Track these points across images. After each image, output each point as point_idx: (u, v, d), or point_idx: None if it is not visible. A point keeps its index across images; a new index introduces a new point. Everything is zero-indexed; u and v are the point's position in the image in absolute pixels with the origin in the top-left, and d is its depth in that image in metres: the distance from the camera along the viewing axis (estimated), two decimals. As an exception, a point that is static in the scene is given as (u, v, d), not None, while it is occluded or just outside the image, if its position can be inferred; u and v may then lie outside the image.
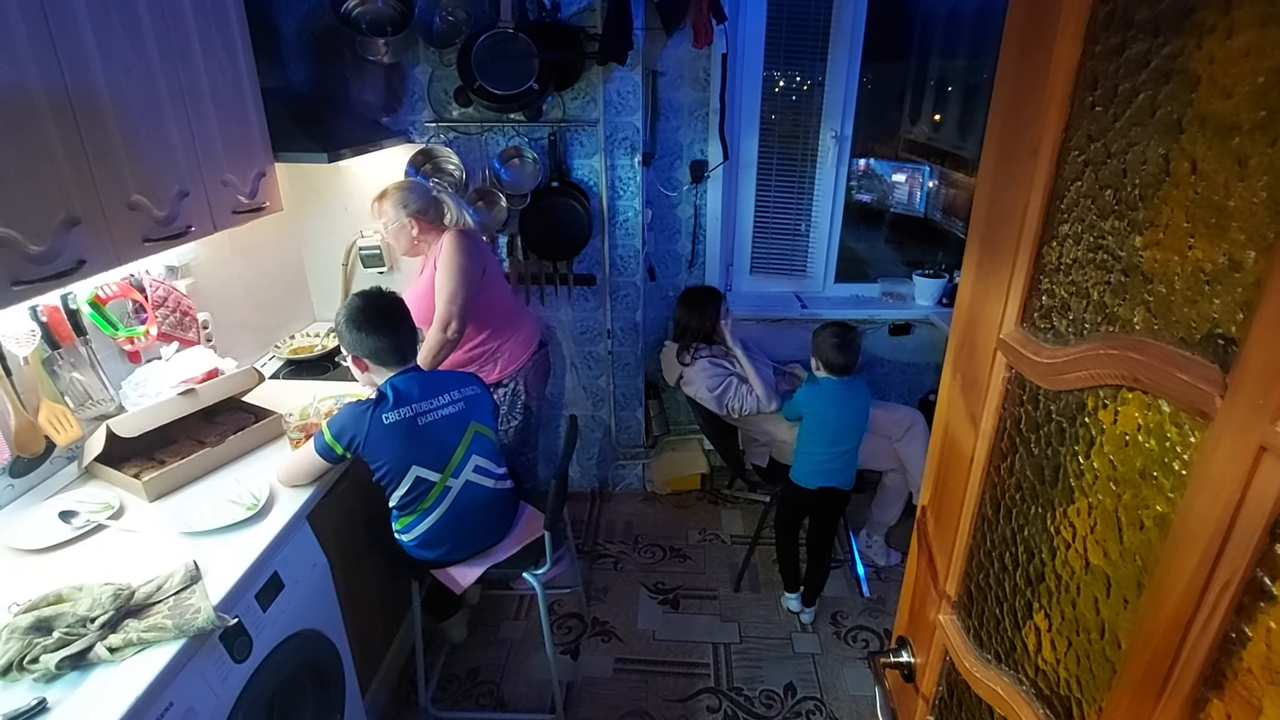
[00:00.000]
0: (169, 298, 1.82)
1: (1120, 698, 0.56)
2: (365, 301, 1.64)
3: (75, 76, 1.27)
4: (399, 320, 1.66)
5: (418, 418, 1.61)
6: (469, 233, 2.07)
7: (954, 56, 3.88)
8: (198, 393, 1.68)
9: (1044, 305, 0.68)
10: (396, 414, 1.58)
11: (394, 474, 1.61)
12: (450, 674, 2.17)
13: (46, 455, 1.54)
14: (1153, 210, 0.52)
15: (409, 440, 1.59)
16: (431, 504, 1.67)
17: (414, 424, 1.60)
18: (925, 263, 3.19)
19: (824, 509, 2.29)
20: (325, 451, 1.55)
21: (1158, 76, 0.51)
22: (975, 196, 0.81)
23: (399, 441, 1.58)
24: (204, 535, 1.40)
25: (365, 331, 1.61)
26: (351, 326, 1.61)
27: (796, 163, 2.99)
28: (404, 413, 1.59)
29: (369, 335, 1.61)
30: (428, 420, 1.63)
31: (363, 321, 1.61)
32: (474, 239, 2.06)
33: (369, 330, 1.61)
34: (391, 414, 1.57)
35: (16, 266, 1.16)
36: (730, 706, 2.08)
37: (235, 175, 1.75)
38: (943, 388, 0.94)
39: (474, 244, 2.04)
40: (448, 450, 1.66)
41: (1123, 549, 0.57)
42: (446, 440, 1.66)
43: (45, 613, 1.13)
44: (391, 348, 1.64)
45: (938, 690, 0.93)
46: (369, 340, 1.61)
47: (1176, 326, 0.50)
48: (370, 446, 1.56)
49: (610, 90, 2.40)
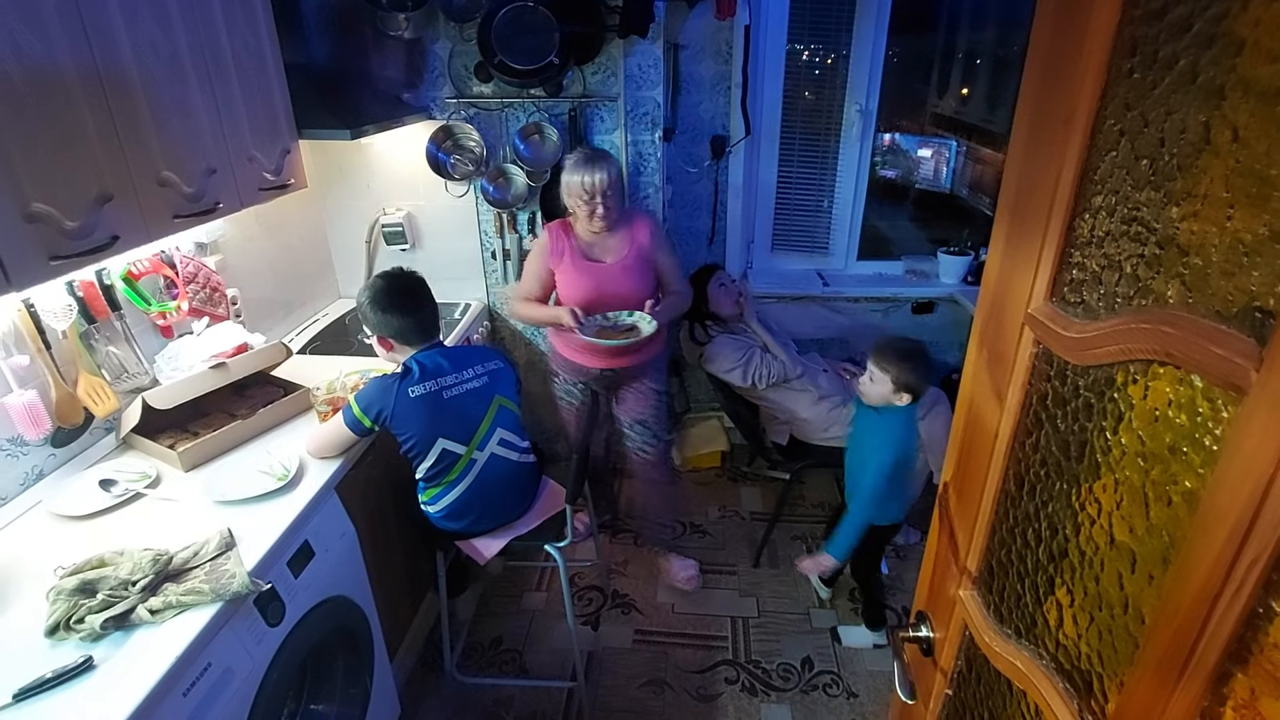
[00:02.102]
0: (199, 274, 1.85)
1: (1143, 672, 0.56)
2: (388, 283, 1.66)
3: (105, 54, 1.28)
4: (421, 299, 1.68)
5: (443, 391, 1.64)
6: None
7: (984, 27, 3.77)
8: (228, 367, 1.72)
9: (1074, 279, 0.67)
10: (422, 387, 1.61)
11: (421, 446, 1.64)
12: (474, 642, 2.23)
13: (86, 426, 1.60)
14: (1191, 180, 0.51)
15: (435, 413, 1.62)
16: (457, 476, 1.70)
17: (439, 397, 1.63)
18: (950, 240, 3.13)
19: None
20: (354, 424, 1.59)
21: (1200, 41, 0.49)
22: (1005, 167, 0.79)
23: (425, 414, 1.61)
24: (237, 504, 1.45)
25: (390, 312, 1.63)
26: (376, 308, 1.63)
27: (819, 138, 2.94)
28: (429, 386, 1.62)
29: (394, 315, 1.63)
30: (453, 394, 1.65)
31: (387, 303, 1.63)
32: None
33: (394, 311, 1.63)
34: (417, 387, 1.60)
35: (53, 242, 1.19)
36: (748, 678, 2.11)
37: (261, 152, 1.77)
38: (968, 364, 0.93)
39: None
40: (473, 423, 1.69)
41: (1149, 525, 0.57)
42: (471, 413, 1.69)
43: (89, 576, 1.18)
44: (416, 326, 1.66)
45: (956, 664, 0.94)
46: (394, 321, 1.64)
47: (1212, 299, 0.49)
48: (397, 419, 1.59)
49: (631, 64, 2.37)
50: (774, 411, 2.59)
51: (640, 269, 2.08)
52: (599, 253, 2.09)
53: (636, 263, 2.08)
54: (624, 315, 2.06)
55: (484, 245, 2.67)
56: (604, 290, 2.06)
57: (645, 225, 2.09)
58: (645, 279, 2.09)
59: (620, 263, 2.07)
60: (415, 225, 2.64)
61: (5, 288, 1.12)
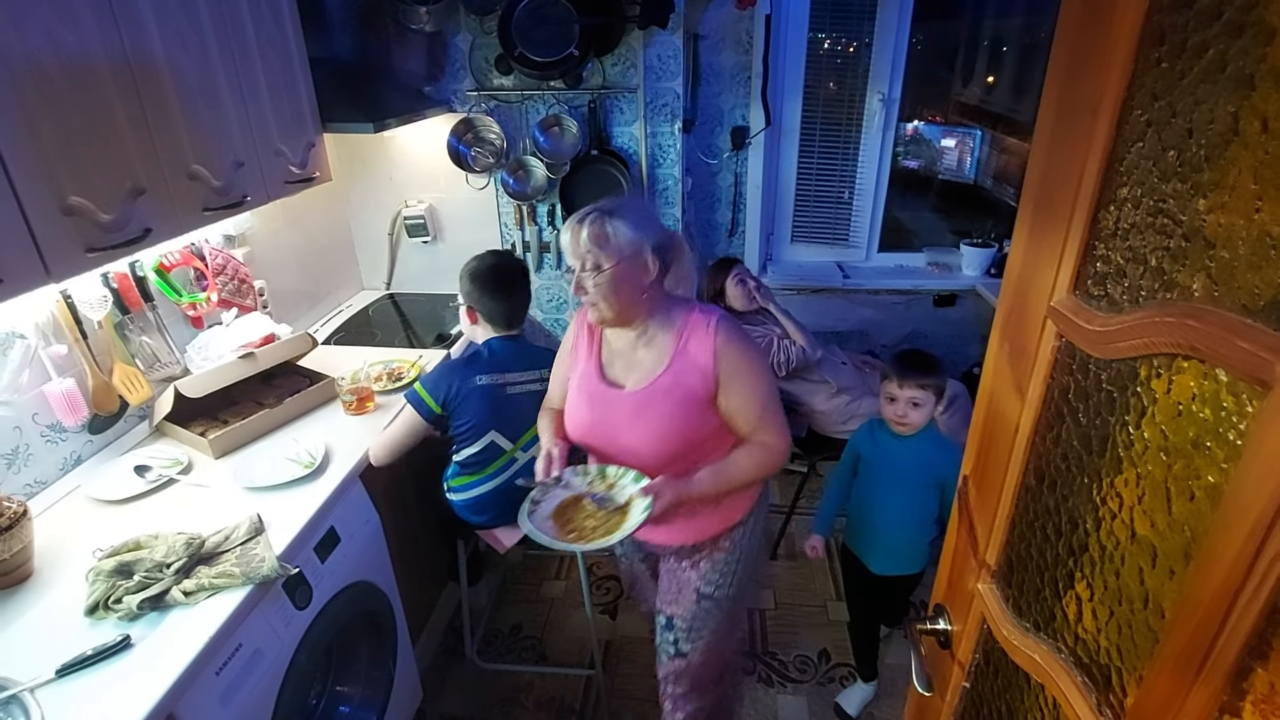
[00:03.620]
0: (227, 265, 1.89)
1: (1162, 666, 0.56)
2: (495, 260, 1.75)
3: (135, 48, 1.31)
4: (517, 287, 1.75)
5: (506, 386, 1.69)
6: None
7: (1010, 14, 3.69)
8: (256, 356, 1.76)
9: (1098, 272, 0.66)
10: (488, 378, 1.66)
11: (472, 433, 1.68)
12: (494, 629, 2.27)
13: (121, 414, 1.65)
14: (1218, 172, 0.50)
15: (495, 405, 1.67)
16: (495, 470, 1.75)
17: (502, 391, 1.68)
18: (974, 232, 3.09)
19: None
20: (424, 410, 1.63)
21: (1230, 29, 0.49)
22: (1030, 158, 0.78)
23: (486, 404, 1.66)
24: (266, 490, 1.49)
25: (485, 290, 1.70)
26: (475, 280, 1.71)
27: (841, 128, 2.91)
28: (495, 378, 1.67)
29: (487, 295, 1.70)
30: (515, 391, 1.70)
31: (486, 280, 1.70)
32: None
33: (489, 290, 1.70)
34: (483, 377, 1.65)
35: (89, 234, 1.23)
36: (764, 670, 2.12)
37: (287, 146, 1.80)
38: (989, 357, 0.92)
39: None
40: (525, 424, 1.73)
41: (1171, 519, 0.56)
42: (527, 415, 1.71)
43: (126, 558, 1.22)
44: (504, 312, 1.73)
45: (974, 657, 0.94)
46: (486, 300, 1.71)
47: (1239, 293, 0.48)
48: (460, 402, 1.64)
49: (650, 55, 2.37)
50: (792, 403, 2.58)
51: (668, 409, 1.28)
52: (620, 370, 1.35)
53: (665, 397, 1.27)
54: (626, 477, 1.29)
55: (504, 237, 2.69)
56: (603, 432, 1.34)
57: (706, 335, 1.27)
58: (671, 427, 1.28)
59: (640, 393, 1.30)
60: (436, 217, 2.67)
61: (44, 279, 1.16)
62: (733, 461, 1.31)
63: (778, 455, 1.33)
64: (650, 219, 1.28)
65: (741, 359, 1.28)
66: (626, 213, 1.23)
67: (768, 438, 1.31)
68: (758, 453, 1.31)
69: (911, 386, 1.66)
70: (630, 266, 1.23)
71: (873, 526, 1.82)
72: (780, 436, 1.32)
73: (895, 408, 1.69)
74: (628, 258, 1.22)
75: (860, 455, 1.83)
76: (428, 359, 2.08)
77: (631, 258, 1.22)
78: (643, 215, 1.26)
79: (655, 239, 1.25)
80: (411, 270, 2.76)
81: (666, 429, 1.29)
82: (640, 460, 1.30)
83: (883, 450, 1.77)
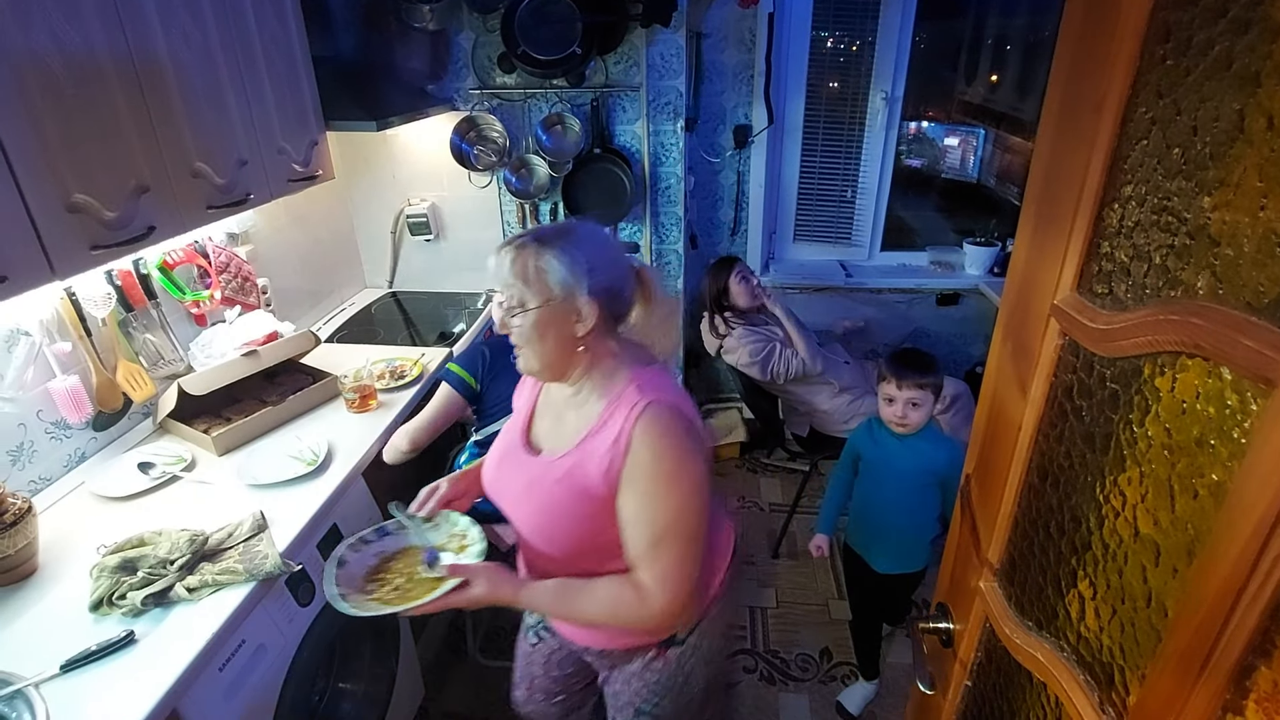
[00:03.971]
0: (231, 263, 1.90)
1: (1165, 665, 0.56)
2: None
3: (139, 46, 1.32)
4: None
5: None
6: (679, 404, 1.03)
7: (1014, 12, 3.68)
8: (259, 354, 1.77)
9: (1102, 270, 0.66)
10: None
11: (499, 412, 1.70)
12: (496, 626, 2.27)
13: (124, 411, 1.65)
14: (1223, 169, 0.50)
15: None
16: None
17: None
18: (977, 231, 3.09)
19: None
20: (464, 388, 1.66)
21: (1236, 26, 0.49)
22: (1033, 156, 0.78)
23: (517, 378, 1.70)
24: (269, 488, 1.49)
25: None
26: None
27: (844, 126, 2.90)
28: None
29: None
30: None
31: None
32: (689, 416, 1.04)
33: None
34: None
35: (94, 232, 1.23)
36: (766, 668, 2.12)
37: (290, 144, 1.80)
38: (992, 355, 0.92)
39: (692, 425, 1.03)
40: None
41: (1174, 517, 0.56)
42: None
43: (130, 554, 1.22)
44: None
45: (976, 656, 0.94)
46: None
47: (1243, 291, 0.48)
48: (494, 377, 1.68)
49: (653, 54, 2.36)
50: (794, 403, 2.58)
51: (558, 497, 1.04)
52: (544, 429, 1.14)
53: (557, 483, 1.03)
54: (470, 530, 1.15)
55: (506, 236, 2.69)
56: (499, 497, 1.15)
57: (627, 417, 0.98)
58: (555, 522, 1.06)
59: (540, 466, 1.07)
60: (439, 216, 2.67)
61: (49, 276, 1.16)
62: (588, 589, 1.02)
63: (651, 612, 0.98)
64: (600, 256, 1.01)
65: (656, 464, 0.96)
66: (568, 245, 0.98)
67: (648, 580, 0.98)
68: (626, 594, 0.99)
69: (909, 386, 1.64)
70: (559, 311, 0.99)
71: (874, 525, 1.82)
72: (664, 592, 0.97)
73: (894, 409, 1.67)
74: (557, 300, 0.98)
75: (860, 454, 1.82)
76: (430, 357, 2.08)
77: (562, 301, 0.98)
78: (590, 250, 1.00)
79: (602, 281, 0.99)
80: (414, 268, 2.76)
81: (551, 523, 1.05)
82: (528, 551, 1.11)
83: (883, 449, 1.75)
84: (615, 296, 1.03)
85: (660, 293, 1.10)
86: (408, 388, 1.91)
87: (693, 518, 0.99)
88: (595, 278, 0.99)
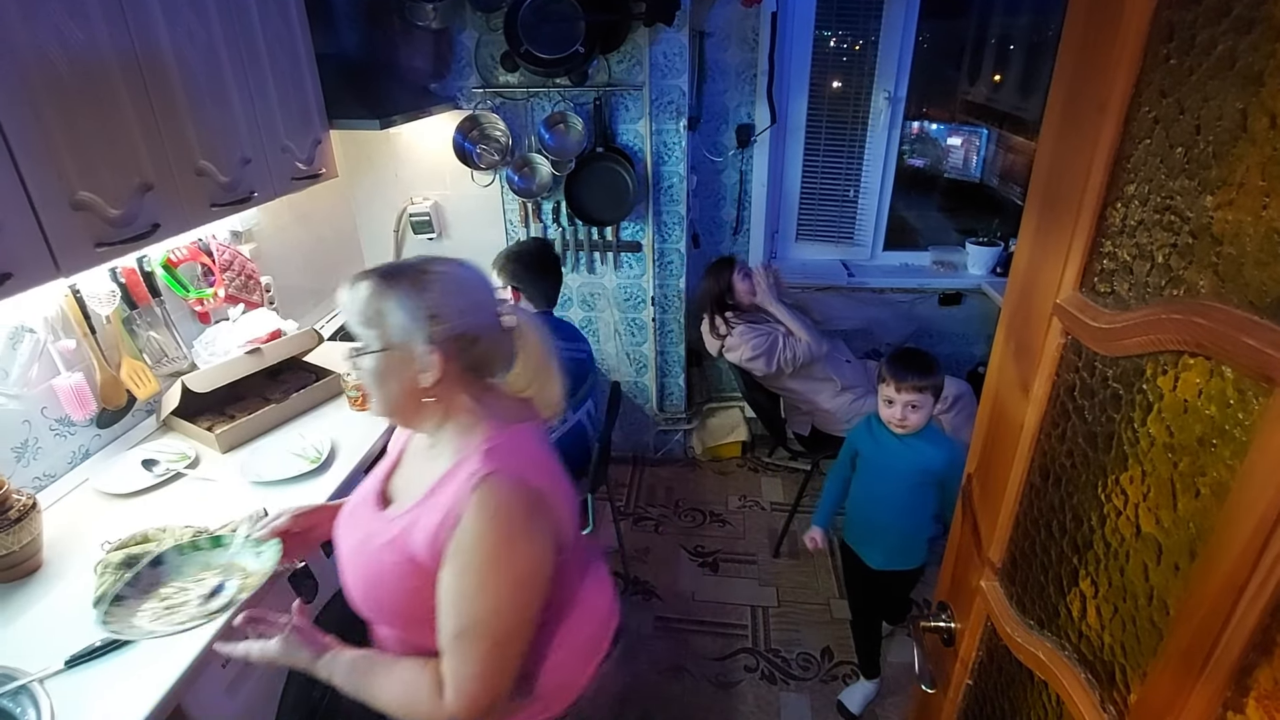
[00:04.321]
0: (234, 261, 1.90)
1: (1166, 663, 0.56)
2: (539, 244, 2.01)
3: (144, 44, 1.32)
4: (558, 268, 2.00)
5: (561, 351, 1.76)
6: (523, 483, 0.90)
7: (1018, 12, 3.68)
8: (263, 352, 1.77)
9: (1105, 269, 0.66)
10: None
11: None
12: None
13: (128, 408, 1.65)
14: (1226, 169, 0.50)
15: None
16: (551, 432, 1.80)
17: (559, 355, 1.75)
18: (979, 230, 3.08)
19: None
20: None
21: (1239, 25, 0.49)
22: (1036, 155, 0.78)
23: None
24: (272, 485, 1.49)
25: (533, 270, 1.91)
26: (522, 261, 1.92)
27: (846, 126, 2.90)
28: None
29: (536, 274, 1.91)
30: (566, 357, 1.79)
31: (534, 261, 1.92)
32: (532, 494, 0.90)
33: (537, 269, 1.92)
34: None
35: (98, 229, 1.24)
36: (767, 667, 2.12)
37: (293, 142, 1.81)
38: (994, 355, 0.92)
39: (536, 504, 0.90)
40: (577, 384, 1.89)
41: (1176, 516, 0.56)
42: (575, 377, 1.87)
43: (134, 550, 1.23)
44: (547, 290, 1.94)
45: (977, 655, 0.94)
46: (535, 278, 1.91)
47: (1246, 290, 0.48)
48: None
49: (656, 52, 2.36)
50: (796, 402, 2.58)
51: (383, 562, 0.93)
52: (401, 480, 1.04)
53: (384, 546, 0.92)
54: (259, 570, 1.08)
55: (509, 234, 2.69)
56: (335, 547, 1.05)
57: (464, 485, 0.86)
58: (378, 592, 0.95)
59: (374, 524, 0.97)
60: (442, 214, 2.67)
61: (54, 273, 1.16)
62: (390, 668, 0.93)
63: (441, 713, 0.87)
64: (450, 303, 0.89)
65: (477, 547, 0.84)
66: (412, 289, 0.88)
67: (447, 674, 0.86)
68: (424, 683, 0.88)
69: (909, 389, 1.62)
70: (398, 359, 0.88)
71: (870, 522, 1.82)
72: (458, 695, 0.85)
73: (893, 411, 1.66)
74: (396, 347, 0.88)
75: (858, 450, 1.82)
76: (433, 355, 2.09)
77: (400, 348, 0.88)
78: (439, 296, 0.88)
79: (450, 330, 0.88)
80: (417, 267, 2.76)
81: (375, 589, 0.95)
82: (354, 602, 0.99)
83: (881, 447, 1.74)
84: (467, 347, 0.91)
85: (540, 344, 1.02)
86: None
87: (509, 617, 0.86)
88: (440, 326, 0.88)
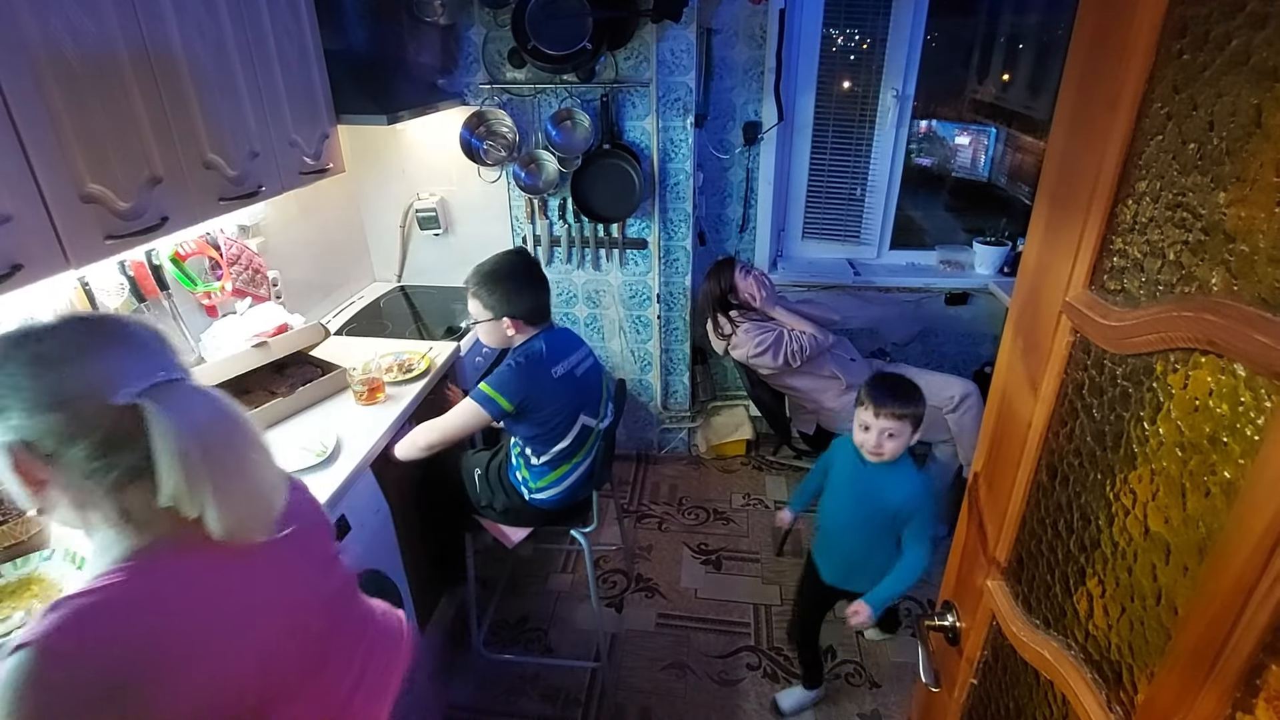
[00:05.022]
0: (241, 255, 1.91)
1: (1174, 663, 0.55)
2: (519, 259, 1.72)
3: (154, 37, 1.32)
4: (544, 279, 1.74)
5: (575, 369, 1.75)
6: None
7: (1027, 10, 3.65)
8: (269, 346, 1.78)
9: (1115, 266, 0.66)
10: (562, 366, 1.71)
11: (564, 423, 1.73)
12: (501, 620, 2.28)
13: (136, 401, 1.66)
14: (1239, 165, 0.50)
15: (576, 389, 1.74)
16: (588, 450, 1.82)
17: (574, 374, 1.74)
18: (987, 230, 3.07)
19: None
20: (493, 407, 1.64)
21: (1254, 20, 0.48)
22: (1046, 152, 0.78)
23: (570, 391, 1.72)
24: (277, 479, 1.50)
25: (521, 289, 1.67)
26: (507, 281, 1.67)
27: (854, 124, 2.89)
28: (566, 365, 1.73)
29: (524, 293, 1.68)
30: (582, 370, 1.78)
31: (517, 278, 1.68)
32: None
33: (524, 287, 1.68)
34: (558, 367, 1.70)
35: (107, 222, 1.24)
36: (769, 665, 2.12)
37: (301, 136, 1.81)
38: (1002, 353, 0.92)
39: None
40: (597, 397, 1.84)
41: (1185, 515, 0.56)
42: (595, 388, 1.83)
43: (141, 542, 1.23)
44: (539, 305, 1.72)
45: (982, 654, 0.94)
46: (524, 298, 1.68)
47: (1258, 287, 0.48)
48: (543, 400, 1.68)
49: (663, 49, 2.36)
50: (801, 400, 2.57)
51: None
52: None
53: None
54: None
55: (515, 231, 2.70)
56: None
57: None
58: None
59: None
60: (448, 210, 2.68)
61: (64, 265, 1.17)
62: None
63: None
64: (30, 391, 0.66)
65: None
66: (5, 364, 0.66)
67: None
68: None
69: (887, 416, 1.52)
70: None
71: (829, 537, 1.79)
72: None
73: (868, 437, 1.55)
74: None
75: (831, 463, 1.76)
76: (438, 351, 2.09)
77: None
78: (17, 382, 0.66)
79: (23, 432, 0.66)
80: (423, 263, 2.77)
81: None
82: None
83: (850, 466, 1.66)
84: (35, 448, 0.66)
85: (181, 438, 0.67)
86: (415, 381, 1.92)
87: None
88: (9, 418, 0.65)
